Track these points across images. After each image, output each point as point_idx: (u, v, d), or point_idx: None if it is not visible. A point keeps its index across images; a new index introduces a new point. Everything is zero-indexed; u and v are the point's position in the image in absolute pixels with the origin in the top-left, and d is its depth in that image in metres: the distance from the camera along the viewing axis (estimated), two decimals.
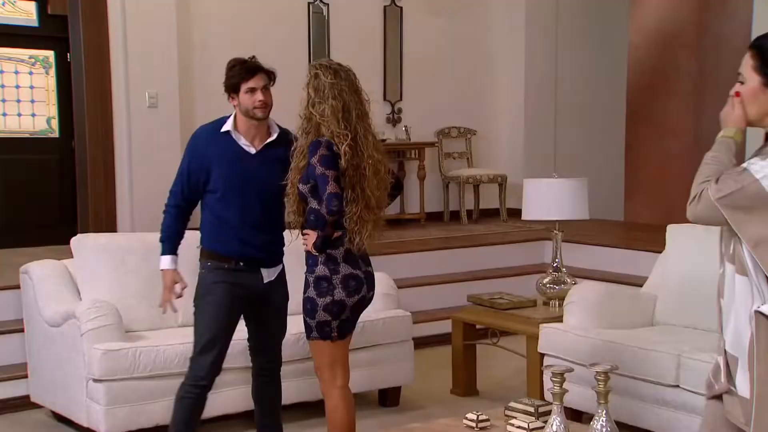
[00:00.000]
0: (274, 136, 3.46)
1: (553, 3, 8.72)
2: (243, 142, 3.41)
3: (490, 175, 8.11)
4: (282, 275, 3.58)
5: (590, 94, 8.98)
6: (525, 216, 4.76)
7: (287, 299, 3.63)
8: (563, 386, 2.92)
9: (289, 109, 3.40)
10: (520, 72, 8.58)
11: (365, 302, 3.28)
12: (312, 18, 7.65)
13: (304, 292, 3.20)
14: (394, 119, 8.14)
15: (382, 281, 4.71)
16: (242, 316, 3.56)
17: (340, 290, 3.16)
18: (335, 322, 3.18)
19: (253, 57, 3.46)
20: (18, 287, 4.53)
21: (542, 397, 4.08)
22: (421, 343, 5.09)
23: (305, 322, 3.23)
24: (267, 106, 3.39)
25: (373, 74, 7.97)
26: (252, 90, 3.36)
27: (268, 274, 3.49)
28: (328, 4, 7.71)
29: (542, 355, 4.28)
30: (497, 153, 8.70)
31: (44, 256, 4.65)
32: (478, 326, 4.92)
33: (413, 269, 6.34)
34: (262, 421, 3.70)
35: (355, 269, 3.20)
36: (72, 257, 4.37)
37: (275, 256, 3.52)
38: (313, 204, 3.16)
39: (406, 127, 8.00)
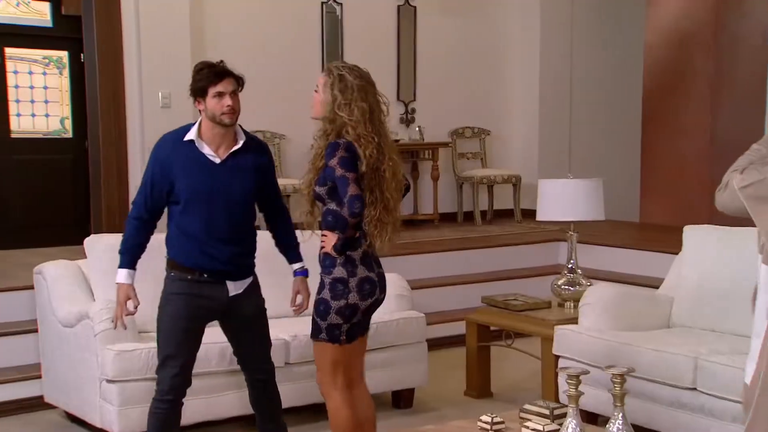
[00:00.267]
0: (240, 144, 3.31)
1: (569, 2, 8.67)
2: (207, 151, 3.25)
3: (504, 176, 8.07)
4: (253, 286, 3.43)
5: (605, 94, 8.93)
6: (540, 217, 4.72)
7: (261, 308, 3.47)
8: (579, 389, 2.89)
9: (301, 107, 3.35)
10: (534, 71, 8.54)
11: (377, 305, 3.27)
12: (325, 18, 7.64)
13: (318, 293, 3.17)
14: (407, 119, 8.12)
15: (395, 282, 4.70)
16: (221, 329, 3.47)
17: (355, 294, 3.14)
18: (346, 325, 3.16)
19: (221, 61, 3.30)
20: (32, 287, 4.53)
21: (557, 400, 4.05)
22: (434, 344, 5.06)
23: (315, 322, 3.19)
24: (235, 112, 3.23)
25: (387, 74, 7.95)
26: (220, 94, 3.21)
27: (234, 287, 3.34)
28: (341, 4, 7.70)
29: (557, 357, 4.24)
30: (511, 153, 8.67)
31: (58, 257, 4.65)
32: (492, 328, 4.88)
33: (427, 270, 6.31)
34: (264, 426, 3.59)
35: (370, 272, 3.18)
36: (85, 257, 4.37)
37: (243, 269, 3.38)
38: (331, 205, 3.13)
39: (419, 127, 7.97)
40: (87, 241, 4.38)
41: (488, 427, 3.06)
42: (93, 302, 4.11)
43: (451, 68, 8.30)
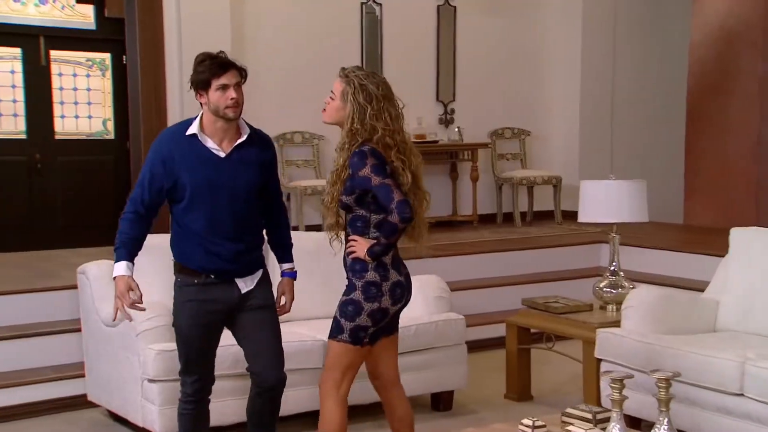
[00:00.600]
0: (244, 137, 3.20)
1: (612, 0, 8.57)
2: (211, 145, 3.15)
3: (545, 177, 8.00)
4: (263, 280, 3.31)
5: (649, 93, 8.82)
6: (581, 218, 4.66)
7: (271, 302, 3.34)
8: (623, 393, 2.84)
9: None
10: (575, 71, 8.46)
11: (404, 307, 3.24)
12: (365, 18, 7.64)
13: (348, 294, 3.10)
14: (446, 120, 8.09)
15: (434, 284, 4.68)
16: (230, 331, 3.34)
17: (387, 297, 3.09)
18: (373, 328, 3.10)
19: (222, 52, 3.17)
20: (76, 287, 4.58)
21: (599, 404, 4.00)
22: (474, 346, 5.02)
23: (337, 322, 3.10)
24: (239, 105, 3.12)
25: (426, 75, 7.94)
26: (224, 87, 3.09)
27: (245, 284, 3.24)
28: (381, 5, 7.69)
29: (599, 361, 4.19)
30: (552, 154, 8.59)
31: (101, 257, 4.69)
32: (532, 330, 4.83)
33: (466, 272, 6.27)
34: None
35: (400, 275, 3.15)
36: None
37: (251, 265, 3.26)
38: (359, 212, 3.09)
39: (458, 128, 7.93)
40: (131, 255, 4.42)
41: (529, 430, 3.02)
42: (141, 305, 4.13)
43: (490, 68, 8.25)
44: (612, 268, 4.61)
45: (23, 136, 7.59)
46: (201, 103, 3.17)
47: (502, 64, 8.33)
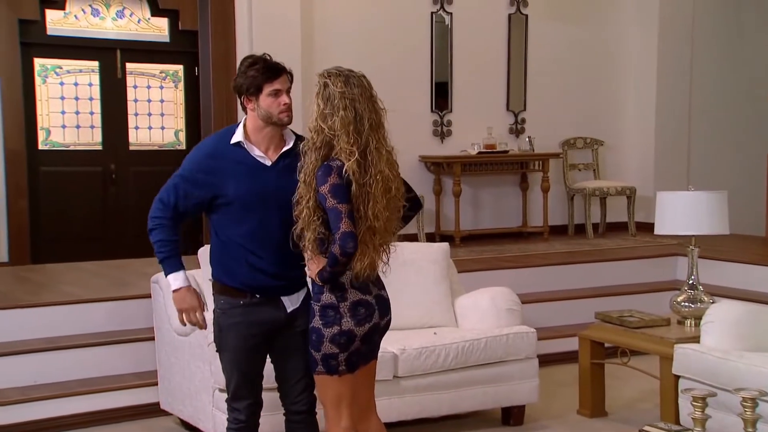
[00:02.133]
0: (290, 144, 3.05)
1: (690, 7, 8.37)
2: (257, 153, 3.00)
3: (618, 188, 7.84)
4: (308, 299, 3.06)
5: (729, 101, 8.59)
6: (658, 230, 4.53)
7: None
8: (705, 411, 2.74)
9: (407, 116, 3.08)
10: (651, 78, 8.28)
11: (379, 330, 2.97)
12: (435, 27, 7.61)
13: (310, 322, 2.91)
14: (517, 129, 8.00)
15: (505, 296, 4.61)
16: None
17: (348, 319, 2.86)
18: (343, 354, 2.87)
19: (267, 54, 3.03)
20: (149, 296, 4.65)
21: (677, 422, 3.89)
22: (545, 360, 4.93)
23: (310, 354, 2.91)
24: (291, 110, 3.00)
25: (496, 84, 7.87)
26: (277, 92, 2.96)
27: (290, 302, 3.06)
28: (451, 13, 7.66)
29: (677, 377, 4.06)
30: (625, 164, 8.43)
31: None
32: (606, 345, 4.72)
33: (537, 284, 6.17)
34: None
35: (365, 294, 2.89)
36: (199, 267, 4.45)
37: (295, 282, 3.08)
38: (320, 228, 2.85)
39: (529, 137, 7.83)
40: (201, 251, 4.45)
41: None
42: (206, 312, 4.17)
43: (562, 77, 8.14)
44: (690, 281, 4.47)
45: (99, 147, 7.78)
46: (246, 109, 3.03)
47: (574, 72, 8.20)
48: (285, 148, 3.05)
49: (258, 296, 3.02)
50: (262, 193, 2.97)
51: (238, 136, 3.01)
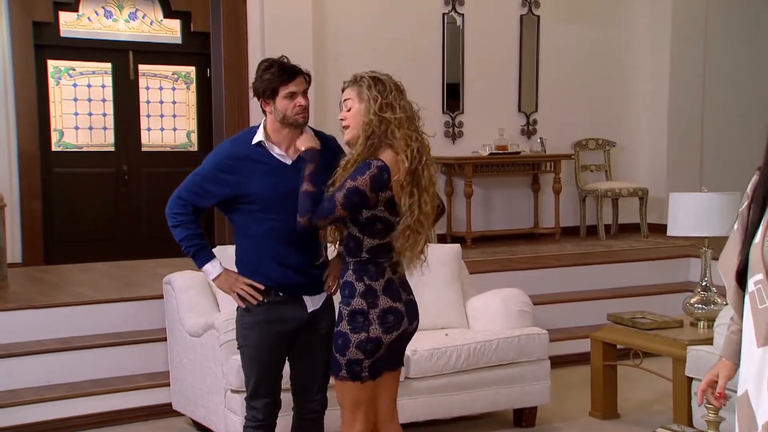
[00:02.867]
0: None
1: (703, 7, 8.33)
2: (277, 152, 3.06)
3: (630, 189, 7.82)
4: (328, 303, 3.16)
5: (742, 102, 8.53)
6: (671, 232, 4.52)
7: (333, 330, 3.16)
8: (719, 414, 2.73)
9: (423, 117, 3.10)
10: (663, 79, 8.24)
11: (406, 337, 2.97)
12: (446, 28, 7.60)
13: (337, 326, 2.92)
14: (528, 131, 7.98)
15: (517, 297, 4.60)
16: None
17: (377, 326, 2.85)
18: (367, 361, 2.86)
19: (285, 57, 3.08)
20: (162, 297, 4.66)
21: (690, 424, 3.87)
22: (557, 361, 4.92)
23: (334, 358, 2.91)
24: (307, 111, 3.04)
25: (508, 85, 7.86)
26: (292, 94, 3.00)
27: (311, 302, 3.11)
28: (462, 15, 7.65)
29: (690, 379, 4.04)
30: (638, 165, 8.39)
31: (186, 267, 4.75)
32: (618, 346, 4.70)
33: (548, 285, 6.16)
34: None
35: (395, 302, 2.89)
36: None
37: (318, 281, 3.12)
38: (353, 231, 2.87)
39: (541, 138, 7.81)
40: (213, 252, 4.47)
41: None
42: (218, 313, 4.18)
43: (574, 78, 8.11)
44: (703, 283, 4.45)
45: (112, 149, 7.81)
46: (265, 111, 3.08)
47: (586, 73, 8.18)
48: None
49: (281, 294, 3.07)
50: (282, 192, 3.01)
51: (258, 137, 3.07)
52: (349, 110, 2.90)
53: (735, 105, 8.55)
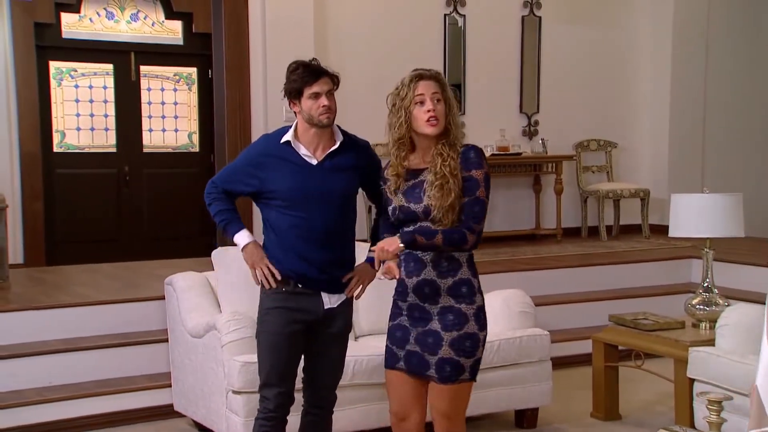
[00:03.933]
0: (338, 144, 3.17)
1: (704, 8, 8.33)
2: (303, 152, 3.14)
3: (632, 190, 7.82)
4: (346, 304, 3.24)
5: (744, 103, 8.55)
6: (673, 233, 4.51)
7: (348, 330, 3.31)
8: (721, 415, 2.73)
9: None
10: (665, 80, 8.25)
11: None
12: (448, 29, 7.61)
13: (458, 329, 2.81)
14: (530, 132, 7.98)
15: (518, 298, 4.59)
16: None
17: (489, 323, 2.95)
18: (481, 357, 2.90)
19: (315, 59, 3.17)
20: (163, 298, 4.66)
21: (692, 425, 3.87)
22: (559, 363, 4.93)
23: (455, 363, 2.80)
24: (332, 111, 3.10)
25: (510, 85, 7.86)
26: (316, 95, 3.07)
27: (329, 300, 3.19)
28: (464, 15, 7.65)
29: (691, 381, 4.04)
30: (639, 166, 8.40)
31: (187, 268, 4.78)
32: (620, 347, 4.70)
33: (550, 286, 6.16)
34: None
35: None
36: (213, 269, 4.47)
37: (337, 281, 3.19)
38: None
39: (542, 139, 7.82)
40: (215, 253, 4.48)
41: None
42: (220, 314, 4.19)
43: (575, 79, 8.12)
44: (705, 284, 4.45)
45: (113, 150, 7.82)
46: (294, 112, 3.17)
47: (587, 74, 8.18)
48: (332, 148, 3.17)
49: (300, 286, 3.16)
50: (305, 191, 3.11)
51: (288, 136, 3.17)
52: (438, 102, 2.92)
53: (736, 105, 8.56)
